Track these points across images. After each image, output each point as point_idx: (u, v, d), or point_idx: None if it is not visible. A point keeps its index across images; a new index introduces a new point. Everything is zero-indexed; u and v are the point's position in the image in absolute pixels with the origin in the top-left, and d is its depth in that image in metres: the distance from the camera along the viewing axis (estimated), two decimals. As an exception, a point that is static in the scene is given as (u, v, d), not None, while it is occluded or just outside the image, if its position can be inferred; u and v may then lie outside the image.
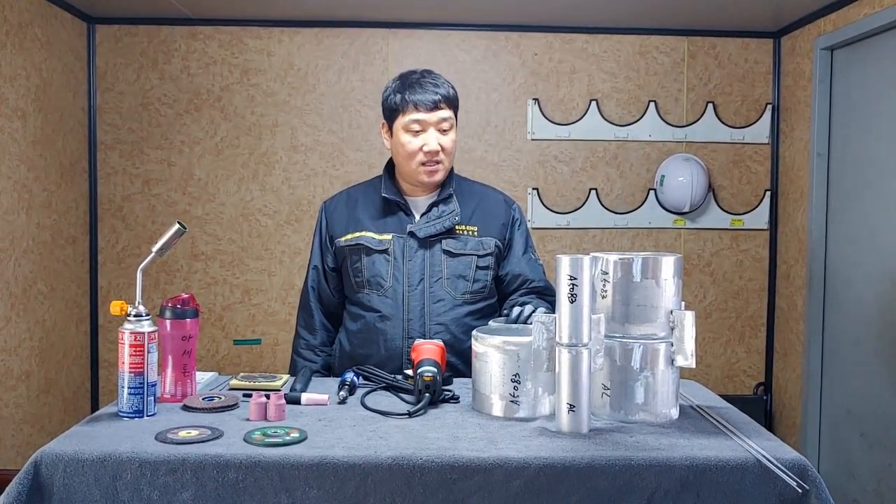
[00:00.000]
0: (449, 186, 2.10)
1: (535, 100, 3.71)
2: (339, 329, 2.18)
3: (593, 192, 3.74)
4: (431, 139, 2.00)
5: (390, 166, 2.15)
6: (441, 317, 2.03)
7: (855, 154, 3.19)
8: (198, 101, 3.65)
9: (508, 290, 2.15)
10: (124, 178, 3.65)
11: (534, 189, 3.73)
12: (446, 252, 2.05)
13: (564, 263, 1.42)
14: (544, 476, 1.29)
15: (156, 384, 1.55)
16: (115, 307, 1.52)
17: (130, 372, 1.50)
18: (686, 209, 3.68)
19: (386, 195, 2.09)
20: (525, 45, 3.71)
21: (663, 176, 3.67)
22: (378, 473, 1.29)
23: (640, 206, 3.76)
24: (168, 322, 1.63)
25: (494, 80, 3.72)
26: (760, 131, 3.77)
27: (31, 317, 3.09)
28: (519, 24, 3.67)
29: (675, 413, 1.55)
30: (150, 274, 3.56)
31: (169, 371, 1.64)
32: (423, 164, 2.02)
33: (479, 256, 2.07)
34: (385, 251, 2.05)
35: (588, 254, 1.48)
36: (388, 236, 2.06)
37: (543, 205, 3.73)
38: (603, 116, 3.73)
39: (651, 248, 3.78)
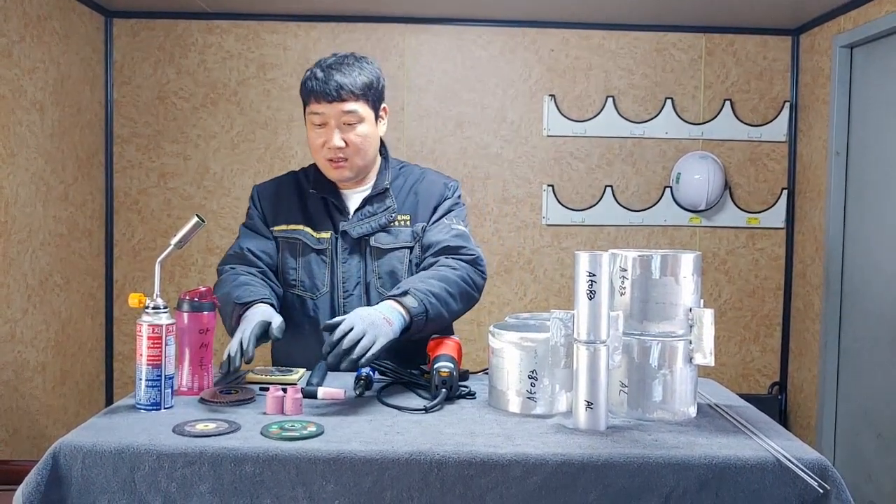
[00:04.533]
0: (384, 179, 1.94)
1: (552, 96, 3.70)
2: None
3: (609, 189, 3.73)
4: (334, 135, 1.83)
5: None
6: None
7: (873, 153, 3.16)
8: (214, 96, 3.65)
9: (425, 262, 1.91)
10: (140, 171, 3.66)
11: (549, 186, 3.71)
12: (374, 248, 1.89)
13: (583, 260, 1.41)
14: (562, 473, 1.29)
15: (173, 377, 1.55)
16: (134, 299, 1.52)
17: (148, 364, 1.50)
18: (702, 207, 3.65)
19: (314, 191, 1.93)
20: (541, 41, 3.70)
21: (679, 173, 3.65)
22: (395, 468, 1.28)
23: (655, 204, 3.74)
24: (186, 315, 1.63)
25: (510, 75, 3.70)
26: (778, 129, 3.74)
27: (48, 309, 3.10)
28: (535, 20, 3.66)
29: (693, 411, 1.54)
30: (165, 267, 3.55)
31: (186, 364, 1.64)
32: (329, 159, 1.86)
33: (410, 249, 1.91)
34: (322, 251, 1.91)
35: (607, 250, 1.48)
36: (326, 234, 1.91)
37: (559, 201, 3.72)
38: (619, 113, 3.71)
39: (666, 246, 3.76)
